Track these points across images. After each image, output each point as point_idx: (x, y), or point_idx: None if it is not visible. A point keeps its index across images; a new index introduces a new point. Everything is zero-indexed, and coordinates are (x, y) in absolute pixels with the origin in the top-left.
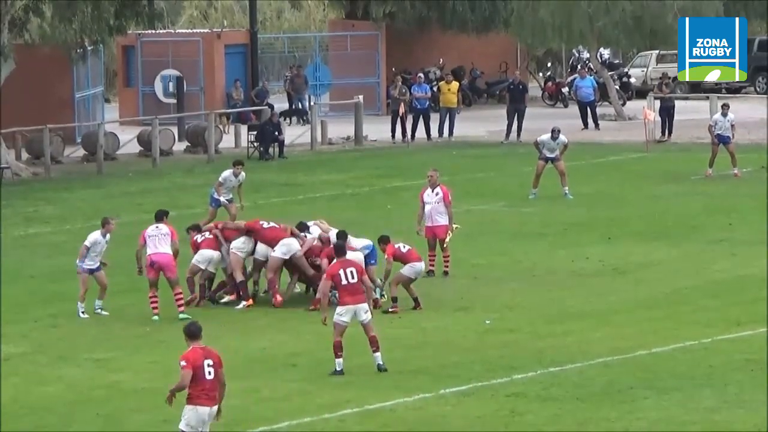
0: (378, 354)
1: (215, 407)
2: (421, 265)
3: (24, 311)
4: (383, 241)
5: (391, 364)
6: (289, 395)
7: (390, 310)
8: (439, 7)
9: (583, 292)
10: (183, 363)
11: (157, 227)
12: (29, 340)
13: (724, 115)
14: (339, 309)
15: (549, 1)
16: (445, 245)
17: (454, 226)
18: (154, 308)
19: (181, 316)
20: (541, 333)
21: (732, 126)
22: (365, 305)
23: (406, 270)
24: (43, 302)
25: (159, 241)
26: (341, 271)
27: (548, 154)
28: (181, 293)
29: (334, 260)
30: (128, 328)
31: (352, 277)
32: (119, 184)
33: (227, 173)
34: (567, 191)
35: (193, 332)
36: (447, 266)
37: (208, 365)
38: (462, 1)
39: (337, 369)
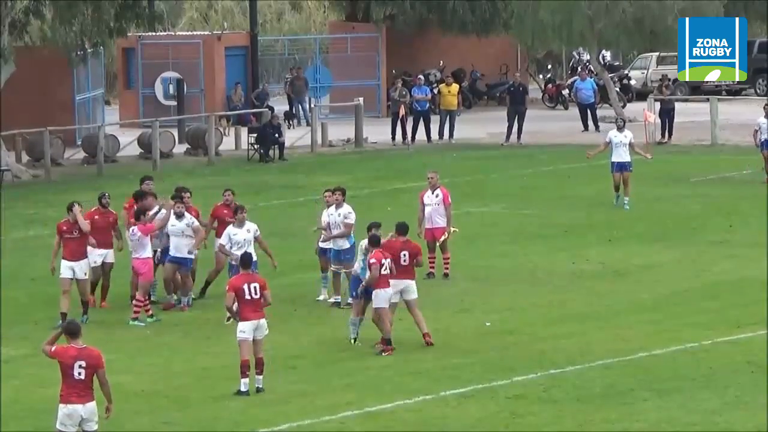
0: (261, 377)
1: (89, 404)
2: None
3: (24, 313)
4: None
5: (391, 367)
6: (289, 397)
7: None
8: (440, 8)
9: (584, 293)
10: (52, 349)
11: (132, 230)
12: (30, 342)
13: None
14: (241, 325)
15: (549, 1)
16: (439, 244)
17: (453, 228)
18: (144, 311)
19: (130, 322)
20: (542, 335)
21: None
22: (264, 321)
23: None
24: (44, 304)
25: (134, 246)
26: (245, 286)
27: (617, 158)
28: (140, 301)
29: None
30: (129, 330)
31: (255, 293)
32: (119, 187)
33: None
34: (626, 201)
35: (71, 330)
36: (447, 268)
37: (79, 366)
38: (462, 2)
39: (242, 389)
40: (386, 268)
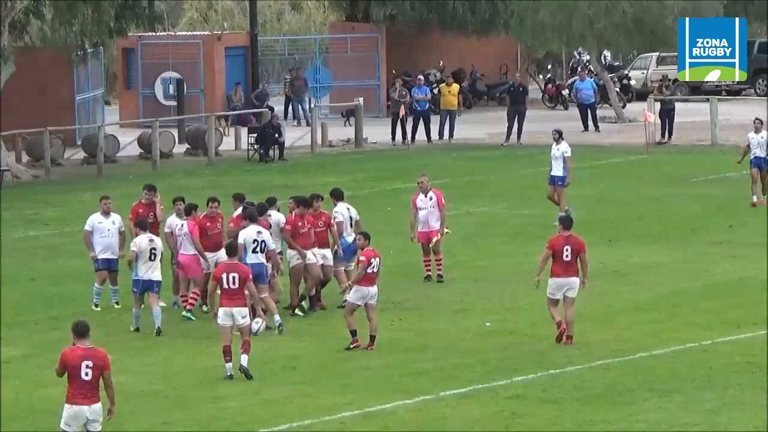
0: (246, 356)
1: (95, 405)
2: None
3: (24, 314)
4: None
5: (391, 367)
6: (289, 397)
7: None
8: (440, 9)
9: (583, 294)
10: (59, 359)
11: (181, 227)
12: (30, 343)
13: None
14: (219, 312)
15: (549, 1)
16: (432, 246)
17: (445, 230)
18: (184, 305)
19: (184, 314)
20: (542, 335)
21: None
22: (243, 309)
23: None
24: (44, 305)
25: (183, 241)
26: (224, 275)
27: (551, 171)
28: (196, 294)
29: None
30: (129, 330)
31: (234, 283)
32: (119, 187)
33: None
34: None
35: (78, 331)
36: (440, 269)
37: (86, 366)
38: (462, 2)
39: (227, 374)
40: (374, 267)
